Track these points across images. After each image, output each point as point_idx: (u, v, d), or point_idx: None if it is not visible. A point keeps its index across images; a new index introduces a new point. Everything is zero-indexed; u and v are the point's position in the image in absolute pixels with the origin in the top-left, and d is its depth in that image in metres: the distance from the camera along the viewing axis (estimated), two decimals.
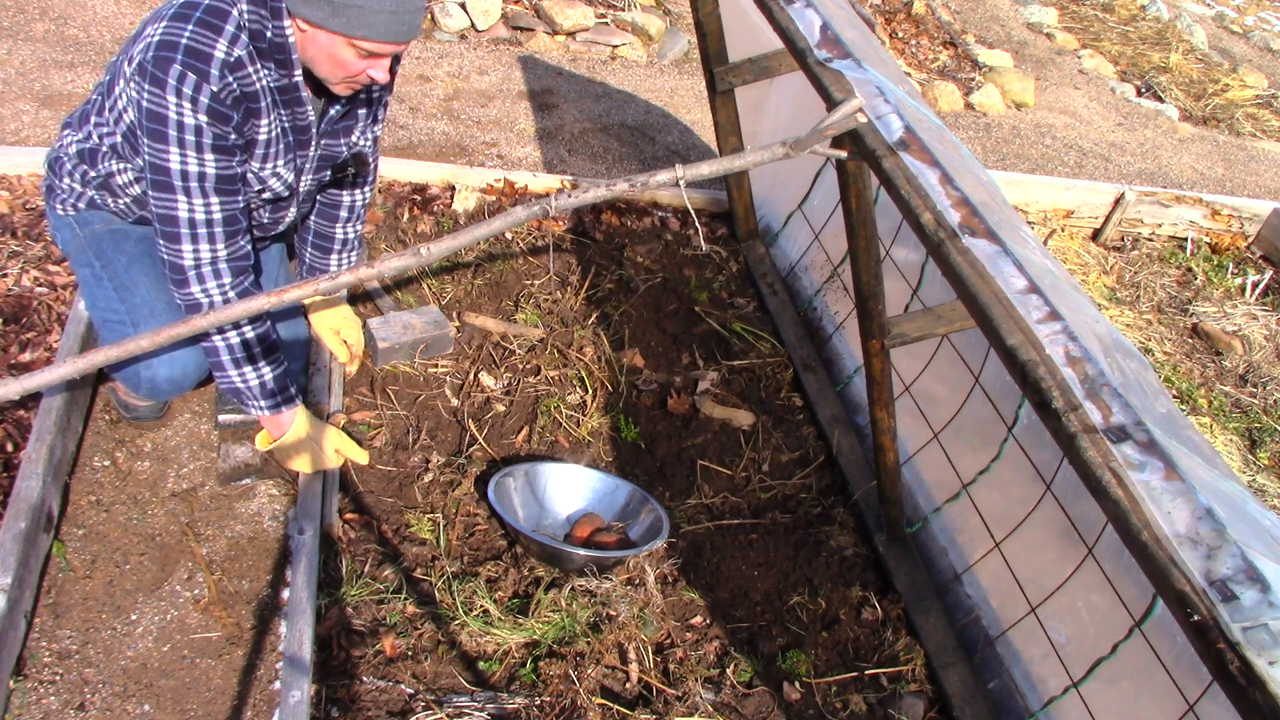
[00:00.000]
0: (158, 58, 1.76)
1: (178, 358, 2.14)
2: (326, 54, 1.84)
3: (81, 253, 2.19)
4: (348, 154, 2.22)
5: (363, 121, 2.19)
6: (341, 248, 2.49)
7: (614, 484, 2.46)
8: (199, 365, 2.18)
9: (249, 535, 2.20)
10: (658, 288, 3.14)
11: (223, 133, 1.84)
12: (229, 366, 2.04)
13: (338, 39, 1.80)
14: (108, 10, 4.14)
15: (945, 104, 5.16)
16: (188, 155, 1.82)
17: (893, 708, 2.10)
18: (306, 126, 2.01)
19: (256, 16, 1.81)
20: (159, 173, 1.84)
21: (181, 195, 1.86)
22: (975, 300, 1.45)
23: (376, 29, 1.78)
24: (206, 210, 1.89)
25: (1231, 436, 3.30)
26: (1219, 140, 5.58)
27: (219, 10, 1.79)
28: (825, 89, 1.80)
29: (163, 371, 2.13)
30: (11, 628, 1.83)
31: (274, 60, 1.86)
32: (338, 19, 1.76)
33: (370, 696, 1.92)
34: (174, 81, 1.75)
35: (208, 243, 1.92)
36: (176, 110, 1.78)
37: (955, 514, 2.36)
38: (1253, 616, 1.05)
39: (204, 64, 1.77)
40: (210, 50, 1.77)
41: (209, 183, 1.87)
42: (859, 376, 2.83)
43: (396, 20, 1.79)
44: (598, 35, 4.85)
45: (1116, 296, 3.91)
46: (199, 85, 1.77)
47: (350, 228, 2.48)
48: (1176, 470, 1.21)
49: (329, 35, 1.80)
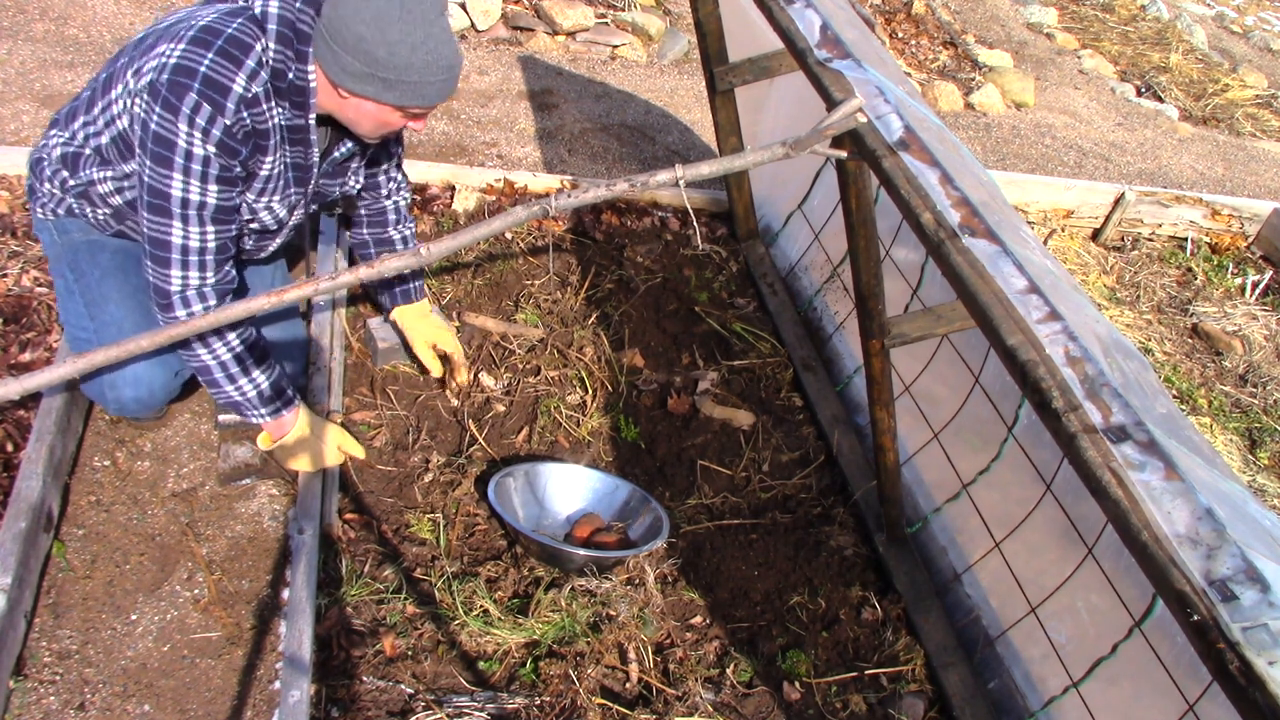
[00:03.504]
0: (173, 82, 1.72)
1: (142, 378, 2.10)
2: (372, 118, 1.88)
3: (57, 261, 2.16)
4: (338, 194, 2.24)
5: (357, 165, 2.21)
6: (404, 248, 2.52)
7: (614, 484, 2.46)
8: (165, 385, 2.16)
9: (249, 535, 2.20)
10: (658, 288, 3.14)
11: (229, 165, 1.82)
12: (224, 383, 2.03)
13: (386, 108, 1.84)
14: (108, 10, 4.14)
15: (945, 104, 5.16)
16: (190, 184, 1.80)
17: (893, 708, 2.10)
18: (309, 166, 2.01)
19: (282, 56, 1.80)
20: (158, 196, 1.81)
21: (178, 222, 1.84)
22: (975, 300, 1.45)
23: (429, 98, 1.84)
24: (201, 239, 1.87)
25: (1231, 436, 3.30)
26: (1219, 140, 5.58)
27: (241, 43, 1.76)
28: (825, 89, 1.80)
29: (128, 392, 2.11)
30: (11, 628, 1.83)
31: (290, 100, 1.85)
32: (391, 93, 1.80)
33: (370, 696, 1.92)
34: (188, 110, 1.73)
35: (198, 270, 1.90)
36: (187, 139, 1.75)
37: (955, 514, 2.36)
38: (1253, 616, 1.05)
39: (221, 96, 1.74)
40: (229, 83, 1.75)
41: (208, 212, 1.85)
42: (859, 376, 2.83)
43: (447, 86, 1.84)
44: (598, 35, 4.85)
45: (1116, 296, 3.91)
46: (213, 118, 1.74)
47: (404, 228, 2.52)
48: (1176, 470, 1.21)
49: (377, 104, 1.84)
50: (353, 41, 1.74)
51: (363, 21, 1.72)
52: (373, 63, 1.75)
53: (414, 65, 1.76)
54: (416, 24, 1.73)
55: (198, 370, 2.03)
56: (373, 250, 2.53)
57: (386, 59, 1.74)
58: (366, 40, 1.73)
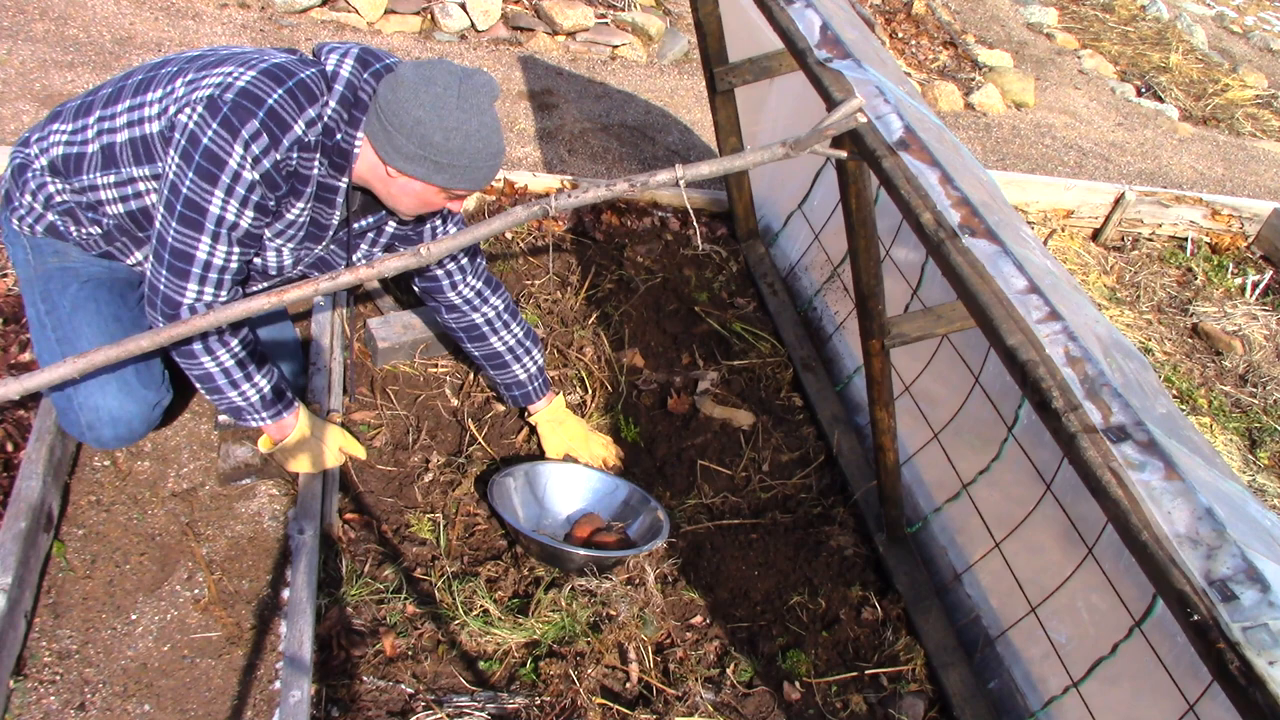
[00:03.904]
0: (238, 104, 1.75)
1: (120, 417, 2.07)
2: (417, 197, 1.92)
3: (29, 286, 2.10)
4: (342, 267, 2.21)
5: (369, 246, 2.19)
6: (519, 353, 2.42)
7: (614, 484, 2.46)
8: (145, 418, 2.12)
9: (249, 535, 2.20)
10: (658, 288, 3.14)
11: (267, 196, 1.85)
12: (227, 389, 2.03)
13: (432, 188, 1.88)
14: (108, 10, 4.14)
15: (945, 104, 5.16)
16: (229, 204, 1.82)
17: (893, 708, 2.10)
18: (327, 226, 2.04)
19: (337, 118, 1.85)
20: (194, 210, 1.82)
21: (208, 238, 1.85)
22: (975, 300, 1.45)
23: (477, 183, 1.88)
24: (225, 258, 1.90)
25: (1231, 436, 3.30)
26: (1219, 140, 5.58)
27: (310, 91, 1.82)
28: (825, 89, 1.80)
29: (107, 431, 2.07)
30: (11, 628, 1.83)
31: (331, 160, 1.89)
32: (441, 175, 1.84)
33: (370, 696, 1.92)
34: (247, 135, 1.76)
35: (213, 287, 1.92)
36: (239, 162, 1.78)
37: (955, 514, 2.36)
38: (1253, 616, 1.05)
39: (281, 132, 1.79)
40: (292, 123, 1.80)
41: (238, 234, 1.88)
42: (859, 376, 2.83)
43: (493, 171, 1.89)
44: (598, 35, 4.85)
45: (1116, 296, 3.91)
46: (268, 149, 1.78)
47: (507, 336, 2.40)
48: (1176, 470, 1.21)
49: (424, 185, 1.87)
50: (410, 124, 1.79)
51: (421, 106, 1.78)
52: (427, 146, 1.81)
53: (466, 151, 1.82)
54: (472, 113, 1.80)
55: (199, 379, 2.02)
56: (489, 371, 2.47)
57: (442, 144, 1.80)
58: (424, 124, 1.79)
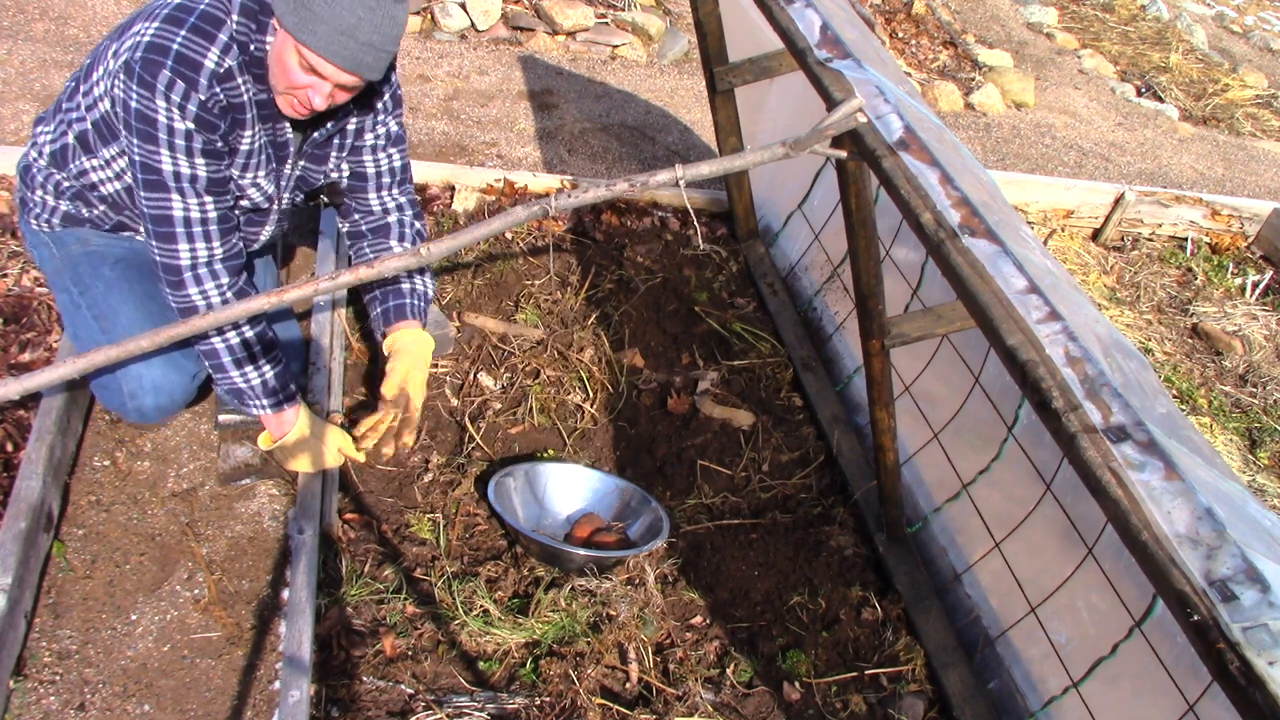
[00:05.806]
0: (146, 60, 1.74)
1: (162, 386, 2.12)
2: (278, 55, 1.81)
3: (59, 276, 2.16)
4: (323, 181, 2.23)
5: (336, 153, 2.17)
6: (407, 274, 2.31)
7: (614, 484, 2.46)
8: (184, 389, 2.18)
9: (249, 535, 2.20)
10: (658, 288, 3.14)
11: (210, 139, 1.84)
12: (230, 368, 2.04)
13: (288, 41, 1.76)
14: (108, 10, 4.14)
15: (945, 104, 5.16)
16: (178, 158, 1.82)
17: (893, 708, 2.10)
18: (285, 143, 2.02)
19: (245, 29, 1.81)
20: (151, 173, 1.84)
21: (176, 195, 1.86)
22: (975, 300, 1.45)
23: (319, 39, 1.72)
24: (201, 209, 1.90)
25: (1231, 436, 3.30)
26: (1219, 140, 5.58)
27: (213, 18, 1.78)
28: (825, 89, 1.80)
29: (149, 400, 2.12)
30: (11, 628, 1.83)
31: (253, 75, 1.87)
32: (292, 17, 1.73)
33: (370, 696, 1.92)
34: (163, 87, 1.75)
35: (204, 241, 1.92)
36: (166, 115, 1.78)
37: (955, 514, 2.36)
38: (1253, 616, 1.05)
39: (193, 72, 1.77)
40: (201, 59, 1.77)
41: (200, 184, 1.87)
42: (859, 376, 2.83)
43: (342, 40, 1.73)
44: (598, 35, 4.85)
45: (1116, 296, 3.91)
46: (187, 93, 1.77)
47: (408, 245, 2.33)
48: (1176, 470, 1.21)
49: (283, 36, 1.77)
50: None
51: None
52: None
53: (338, 14, 1.70)
54: None
55: (205, 354, 2.04)
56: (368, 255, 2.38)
57: None
58: None
